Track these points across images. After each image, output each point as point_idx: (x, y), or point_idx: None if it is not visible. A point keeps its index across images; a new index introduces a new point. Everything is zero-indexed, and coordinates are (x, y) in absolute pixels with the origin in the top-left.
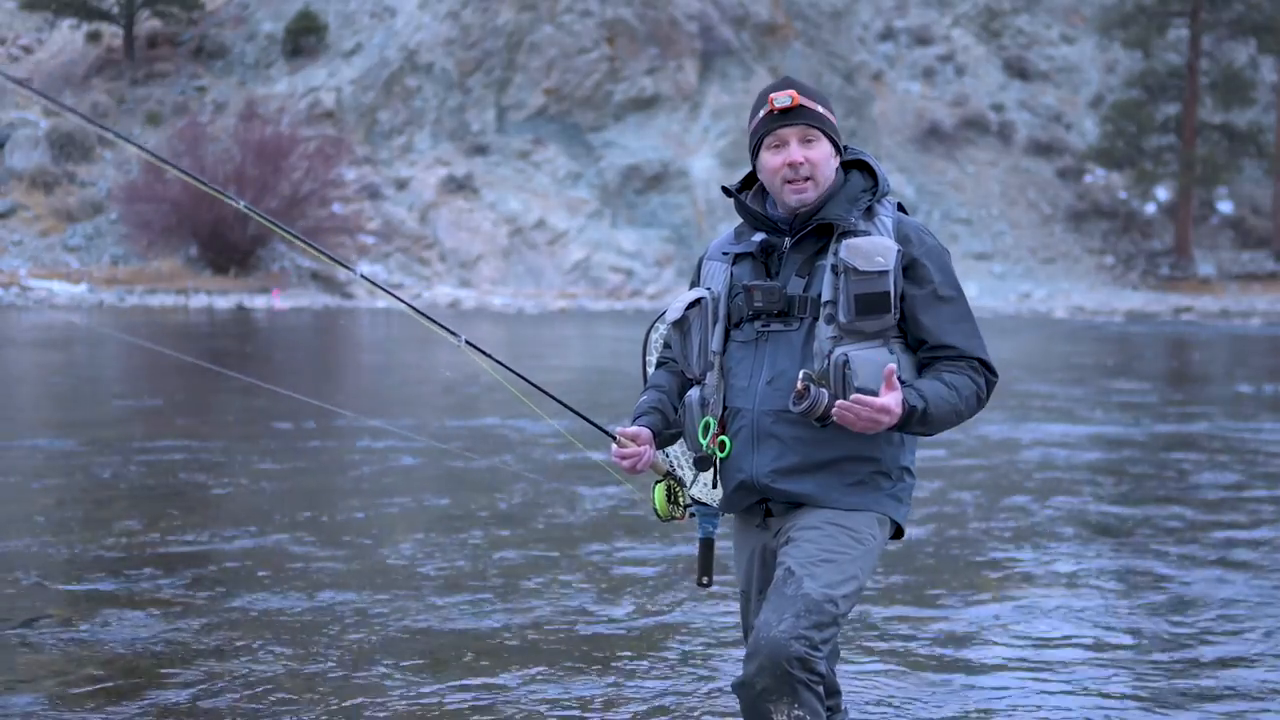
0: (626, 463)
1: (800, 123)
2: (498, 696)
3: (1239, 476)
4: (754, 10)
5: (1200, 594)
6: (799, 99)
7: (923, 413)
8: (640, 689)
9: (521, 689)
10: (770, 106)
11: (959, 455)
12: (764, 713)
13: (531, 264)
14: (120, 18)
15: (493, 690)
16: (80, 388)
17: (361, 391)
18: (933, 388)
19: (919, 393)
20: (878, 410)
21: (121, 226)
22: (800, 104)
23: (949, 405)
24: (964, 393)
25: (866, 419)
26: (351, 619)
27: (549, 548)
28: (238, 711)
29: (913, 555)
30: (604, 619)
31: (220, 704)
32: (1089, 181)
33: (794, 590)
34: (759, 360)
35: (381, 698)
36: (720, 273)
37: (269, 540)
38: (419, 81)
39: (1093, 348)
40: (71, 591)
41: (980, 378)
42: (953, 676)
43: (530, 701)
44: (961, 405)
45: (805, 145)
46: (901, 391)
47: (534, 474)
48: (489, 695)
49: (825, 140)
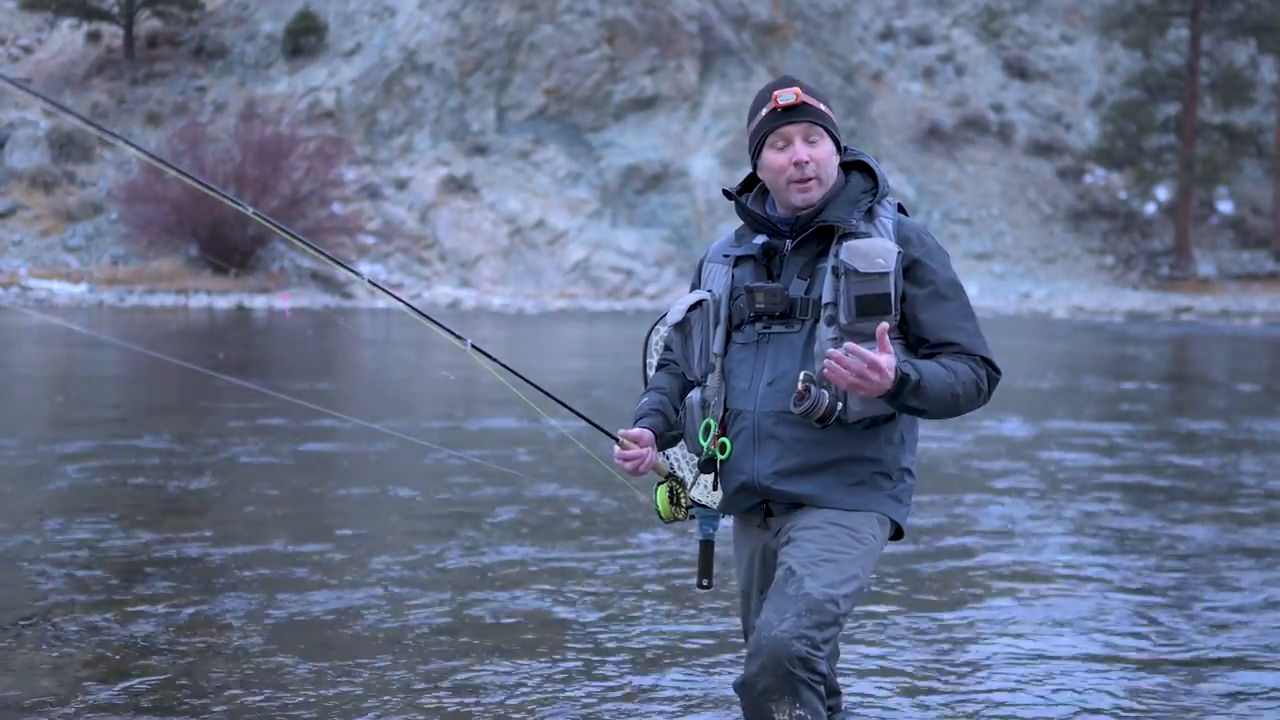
0: (629, 464)
1: (804, 120)
2: (500, 695)
3: (1246, 477)
4: (754, 10)
5: (1203, 594)
6: (802, 96)
7: (916, 384)
8: (640, 688)
9: (523, 688)
10: (774, 104)
11: (959, 453)
12: (766, 712)
13: (531, 264)
14: (120, 18)
15: (495, 689)
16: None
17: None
18: (928, 365)
19: (914, 366)
20: (869, 365)
21: (121, 226)
22: (804, 101)
23: (944, 384)
24: (962, 377)
25: (856, 371)
26: (352, 618)
27: (550, 547)
28: (238, 711)
29: (913, 555)
30: (600, 618)
31: (221, 704)
32: (1089, 181)
33: (795, 590)
34: (760, 362)
35: (383, 697)
36: (721, 275)
37: (269, 540)
38: (419, 81)
39: (1094, 348)
40: (71, 591)
41: (982, 370)
42: (954, 677)
43: (532, 701)
44: (959, 388)
45: (809, 144)
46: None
47: (533, 474)
48: (490, 694)
49: (828, 139)
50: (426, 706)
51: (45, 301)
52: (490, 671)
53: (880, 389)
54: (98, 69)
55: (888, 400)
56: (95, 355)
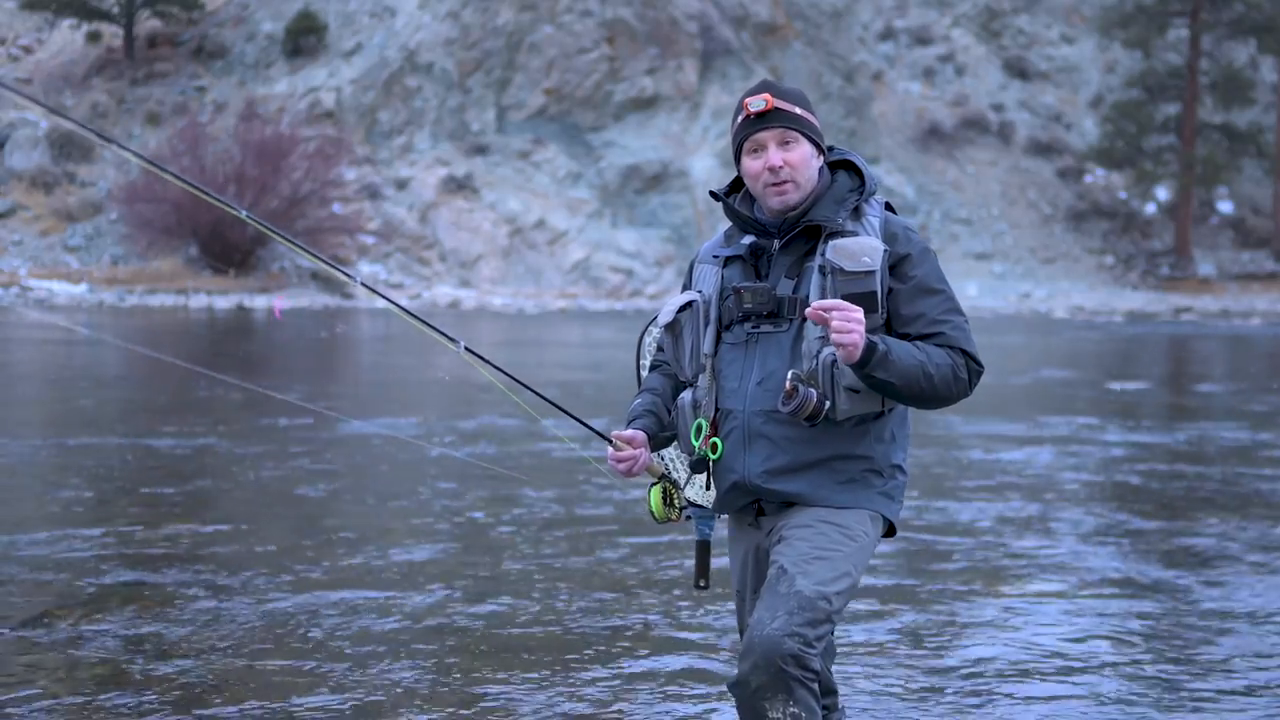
0: (622, 466)
1: (777, 125)
2: (501, 695)
3: (1250, 478)
4: (754, 10)
5: (1204, 595)
6: (773, 102)
7: (884, 355)
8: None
9: (523, 687)
10: (745, 111)
11: (958, 454)
12: (759, 710)
13: (531, 264)
14: (120, 18)
15: (496, 689)
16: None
17: (361, 391)
18: (898, 342)
19: (882, 339)
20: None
21: (121, 226)
22: (775, 107)
23: (915, 361)
24: (936, 359)
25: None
26: (353, 617)
27: (550, 547)
28: (240, 711)
29: (913, 554)
30: (604, 619)
31: (224, 704)
32: (1089, 181)
33: (787, 588)
34: (749, 361)
35: (383, 696)
36: (711, 275)
37: (273, 540)
38: (419, 81)
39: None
40: (73, 591)
41: (960, 358)
42: (954, 677)
43: (533, 700)
44: (931, 369)
45: (783, 148)
46: None
47: (530, 474)
48: (490, 694)
49: (805, 142)
50: (429, 707)
51: (45, 302)
52: (493, 672)
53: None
54: (98, 69)
55: (856, 370)
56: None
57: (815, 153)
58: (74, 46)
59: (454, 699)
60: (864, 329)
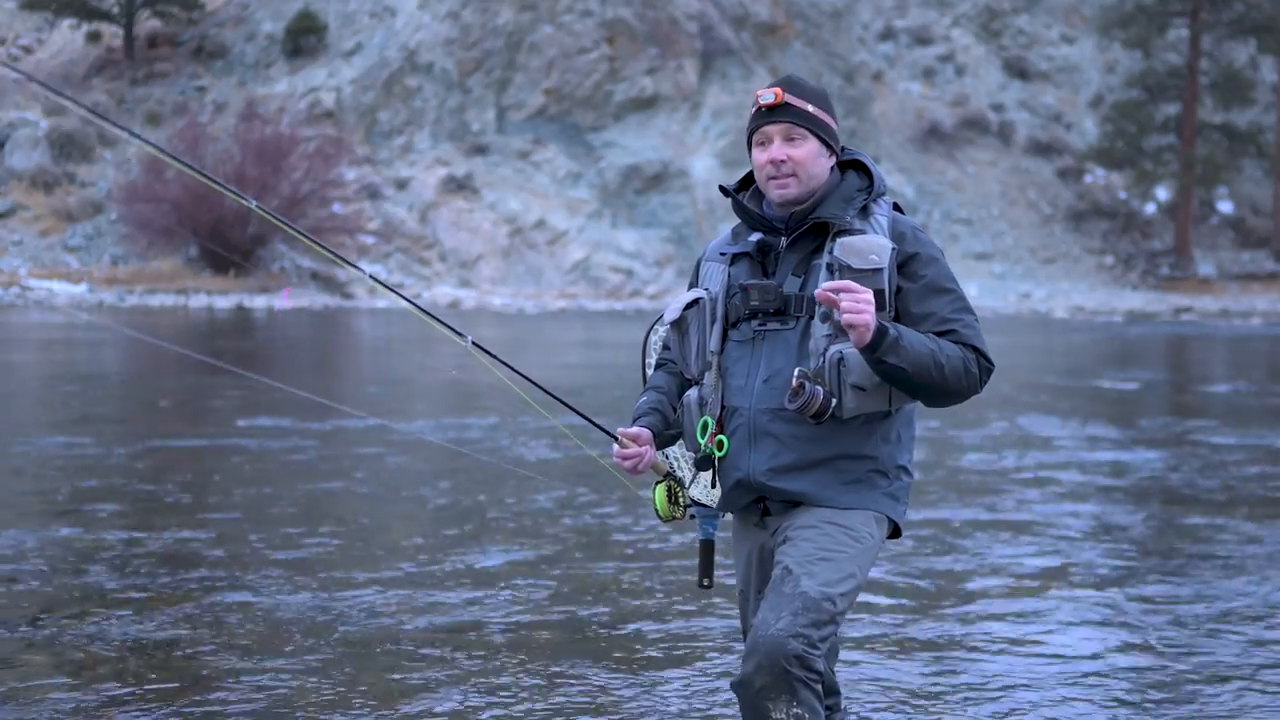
0: (628, 463)
1: (785, 120)
2: (503, 695)
3: (1252, 478)
4: (754, 10)
5: (1205, 595)
6: (784, 96)
7: (895, 340)
8: (641, 687)
9: (525, 687)
10: (757, 104)
11: (959, 451)
12: (763, 711)
13: (531, 264)
14: (120, 18)
15: (498, 687)
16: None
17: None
18: (910, 330)
19: (894, 325)
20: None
21: (121, 226)
22: (785, 101)
23: (927, 350)
24: (947, 351)
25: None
26: (355, 616)
27: (552, 545)
28: (239, 711)
29: (914, 554)
30: (606, 618)
31: (227, 704)
32: (1089, 181)
33: (792, 589)
34: (756, 359)
35: (382, 695)
36: (718, 273)
37: (276, 539)
38: (419, 81)
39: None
40: (71, 591)
41: (971, 353)
42: (959, 678)
43: (536, 699)
44: (942, 359)
45: (789, 143)
46: None
47: (531, 473)
48: (492, 694)
49: (813, 139)
50: (431, 707)
51: (45, 302)
52: (497, 672)
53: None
54: (98, 69)
55: (866, 355)
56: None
57: (824, 151)
58: (74, 46)
59: (461, 695)
60: (874, 309)
